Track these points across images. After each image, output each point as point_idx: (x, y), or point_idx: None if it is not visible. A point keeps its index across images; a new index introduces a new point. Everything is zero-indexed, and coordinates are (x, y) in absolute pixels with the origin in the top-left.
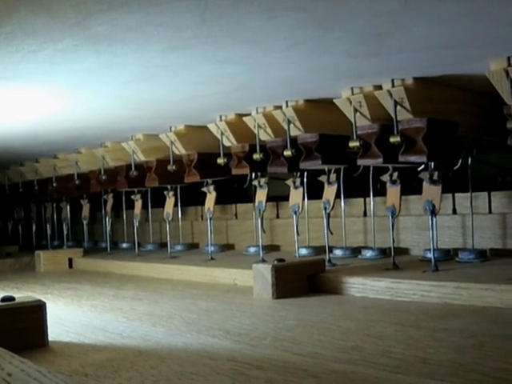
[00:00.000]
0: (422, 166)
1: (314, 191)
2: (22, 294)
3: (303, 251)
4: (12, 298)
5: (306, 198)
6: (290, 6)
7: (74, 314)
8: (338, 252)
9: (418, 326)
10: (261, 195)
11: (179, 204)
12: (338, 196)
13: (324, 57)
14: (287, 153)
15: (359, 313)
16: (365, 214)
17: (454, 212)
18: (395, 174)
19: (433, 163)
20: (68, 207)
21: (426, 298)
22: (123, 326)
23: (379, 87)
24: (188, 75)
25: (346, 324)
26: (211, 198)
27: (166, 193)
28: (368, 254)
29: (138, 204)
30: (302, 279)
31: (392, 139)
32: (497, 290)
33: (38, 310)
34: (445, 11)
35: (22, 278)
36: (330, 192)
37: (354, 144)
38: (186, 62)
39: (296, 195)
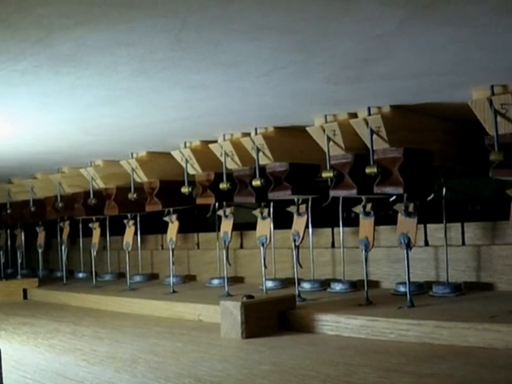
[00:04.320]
0: (394, 197)
1: (280, 220)
2: None
3: (269, 284)
4: None
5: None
6: (276, 26)
7: (30, 356)
8: (306, 285)
9: (402, 370)
10: (226, 226)
11: (139, 232)
12: (306, 226)
13: (303, 82)
14: (256, 182)
15: (336, 355)
16: (333, 245)
17: (427, 244)
18: (369, 206)
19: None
20: (22, 234)
21: (404, 337)
22: (84, 371)
23: (354, 115)
24: (155, 100)
25: (324, 369)
26: (173, 227)
27: (125, 221)
28: (338, 287)
29: (97, 232)
30: (272, 316)
31: (368, 170)
32: (479, 329)
33: None
34: (438, 36)
35: None
36: (299, 223)
37: (327, 174)
38: (155, 85)
39: (263, 226)
